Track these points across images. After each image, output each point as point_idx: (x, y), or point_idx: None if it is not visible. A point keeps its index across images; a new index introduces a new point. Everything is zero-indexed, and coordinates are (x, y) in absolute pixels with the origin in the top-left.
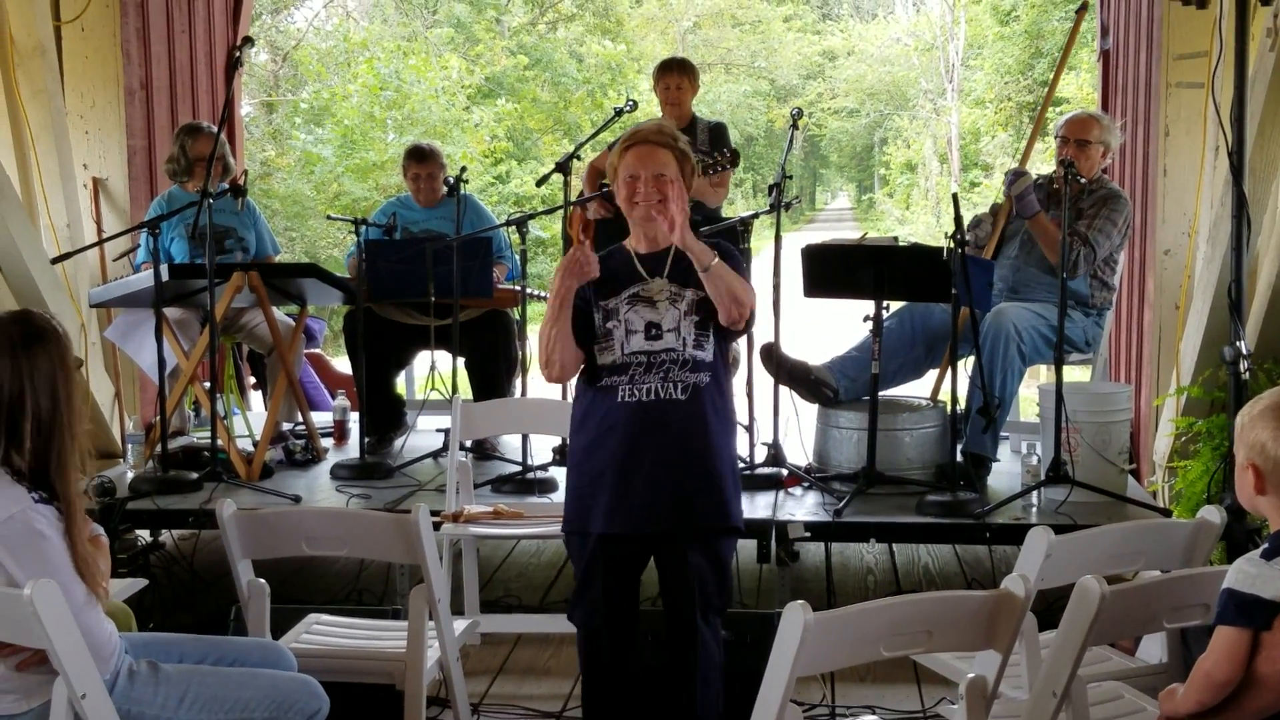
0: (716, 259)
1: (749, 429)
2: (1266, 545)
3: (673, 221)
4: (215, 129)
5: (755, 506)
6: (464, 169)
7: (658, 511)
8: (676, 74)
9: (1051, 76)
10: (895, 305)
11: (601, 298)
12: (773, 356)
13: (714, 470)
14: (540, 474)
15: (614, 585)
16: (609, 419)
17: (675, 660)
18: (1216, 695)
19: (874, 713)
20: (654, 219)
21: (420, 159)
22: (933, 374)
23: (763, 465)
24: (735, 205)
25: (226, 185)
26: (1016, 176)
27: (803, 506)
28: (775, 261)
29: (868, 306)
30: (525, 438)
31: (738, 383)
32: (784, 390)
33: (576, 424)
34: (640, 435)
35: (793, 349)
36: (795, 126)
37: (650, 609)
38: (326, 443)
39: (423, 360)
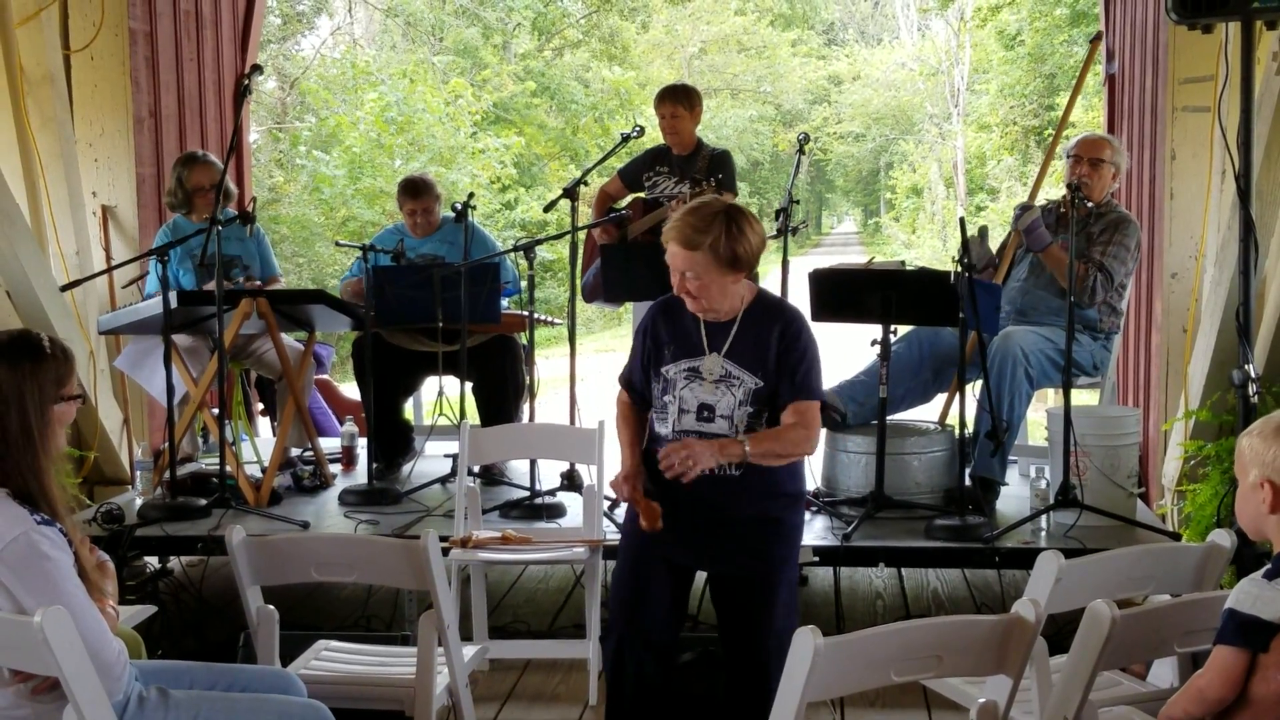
0: (748, 446)
1: None
2: (1270, 566)
3: (693, 468)
4: (210, 156)
5: None
6: (471, 195)
7: (703, 552)
8: (670, 103)
9: (1064, 104)
10: (903, 329)
11: (662, 362)
12: None
13: (765, 528)
14: (548, 499)
15: (654, 598)
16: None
17: (735, 676)
18: (1206, 711)
19: None
20: (701, 310)
21: (415, 194)
22: (940, 398)
23: None
24: None
25: (234, 212)
26: (1024, 210)
27: (811, 531)
28: (782, 286)
29: (875, 331)
30: (533, 463)
31: None
32: None
33: (651, 464)
34: (696, 494)
35: None
36: (801, 151)
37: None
38: (335, 468)
39: (430, 386)
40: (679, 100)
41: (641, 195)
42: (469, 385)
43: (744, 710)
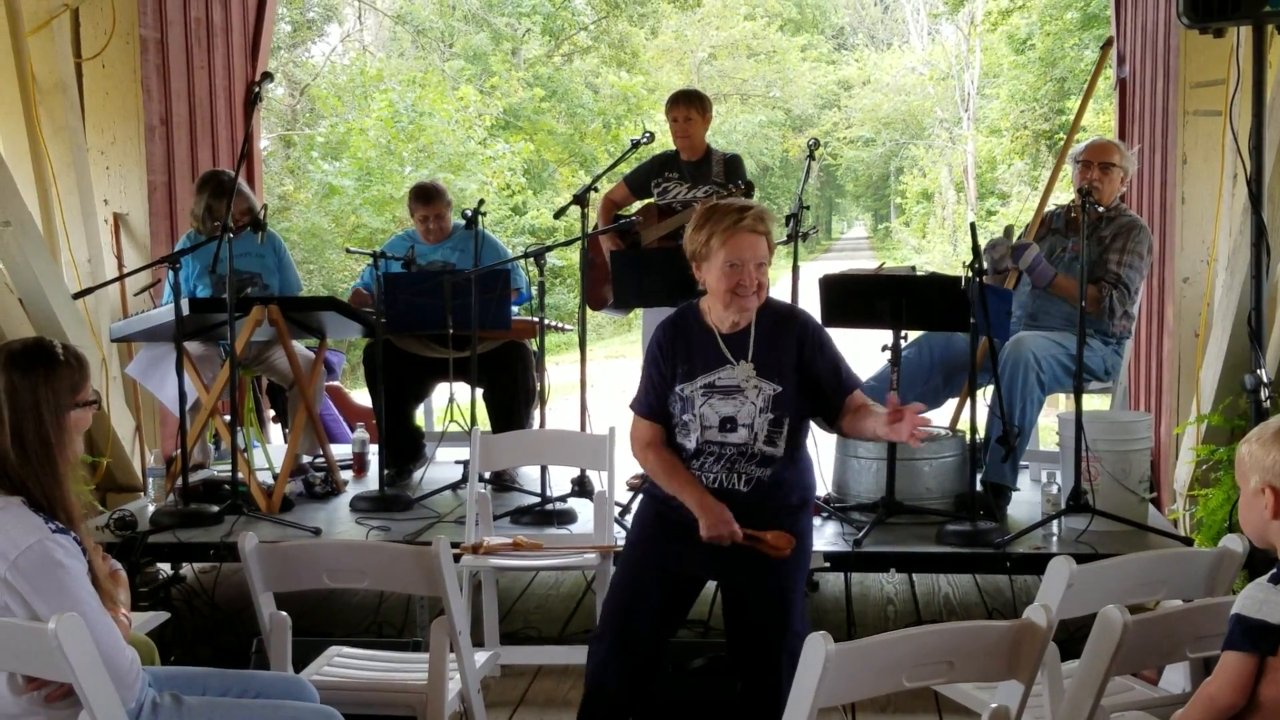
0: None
1: None
2: (1275, 570)
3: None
4: (242, 186)
5: None
6: (481, 202)
7: (712, 561)
8: (684, 106)
9: (1074, 108)
10: (913, 335)
11: (679, 380)
12: None
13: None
14: (559, 505)
15: (652, 610)
16: None
17: (750, 684)
18: (1217, 718)
19: None
20: (748, 310)
21: (427, 201)
22: (951, 403)
23: None
24: None
25: (248, 220)
26: (1023, 250)
27: (822, 537)
28: (793, 291)
29: (886, 336)
30: (544, 469)
31: None
32: None
33: None
34: None
35: None
36: (812, 157)
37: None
38: (346, 475)
39: (441, 392)
40: (692, 104)
41: (654, 201)
42: (480, 391)
43: (758, 718)
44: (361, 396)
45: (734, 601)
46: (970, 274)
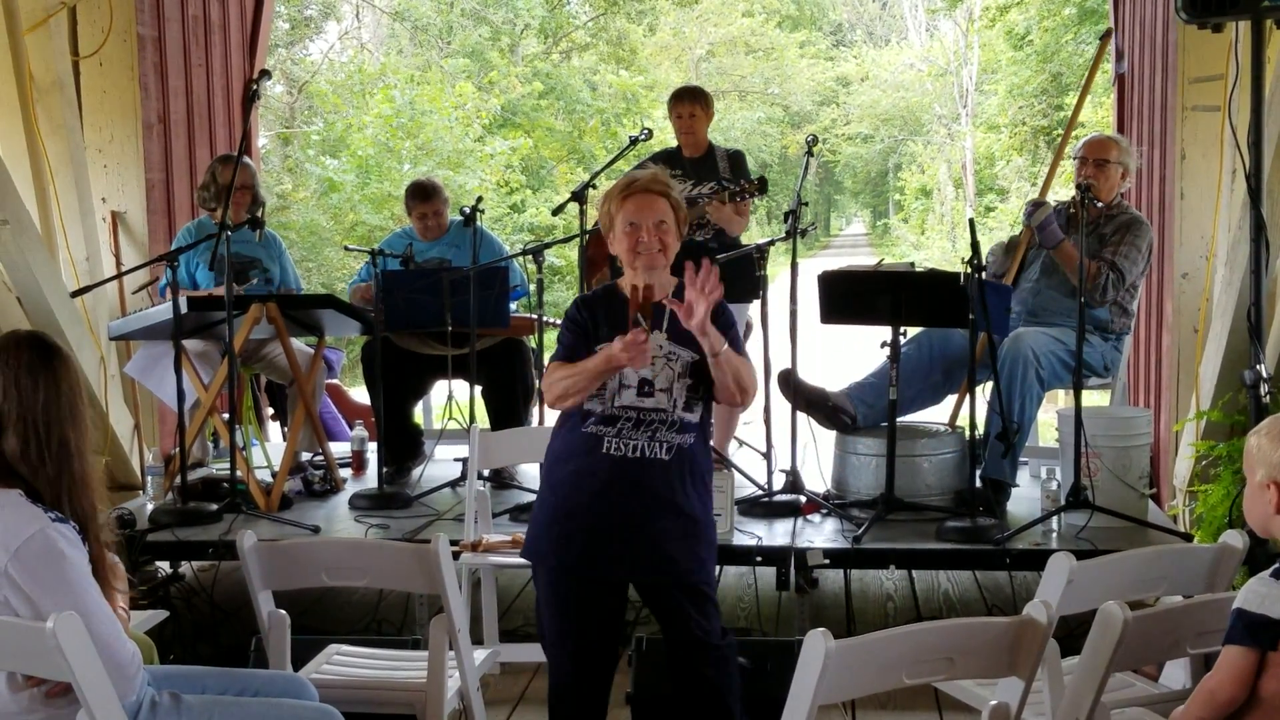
0: (725, 346)
1: (766, 455)
2: (1278, 565)
3: (691, 309)
4: (246, 160)
5: (774, 534)
6: (480, 199)
7: (629, 560)
8: (688, 102)
9: (1072, 103)
10: (912, 331)
11: (597, 342)
12: (790, 383)
13: (688, 529)
14: None
15: (591, 624)
16: (591, 465)
17: (689, 684)
18: (1218, 713)
19: None
20: (655, 269)
21: (425, 198)
22: (951, 399)
23: (781, 492)
24: (750, 232)
25: (248, 217)
26: (1036, 207)
27: (821, 533)
28: (792, 288)
29: (885, 332)
30: (543, 466)
31: (755, 409)
32: (802, 416)
33: (555, 455)
34: (619, 487)
35: (810, 375)
36: (810, 153)
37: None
38: (345, 473)
39: (440, 390)
40: (697, 100)
41: None
42: (478, 389)
43: (709, 709)
44: (360, 394)
45: (652, 601)
46: (969, 270)
